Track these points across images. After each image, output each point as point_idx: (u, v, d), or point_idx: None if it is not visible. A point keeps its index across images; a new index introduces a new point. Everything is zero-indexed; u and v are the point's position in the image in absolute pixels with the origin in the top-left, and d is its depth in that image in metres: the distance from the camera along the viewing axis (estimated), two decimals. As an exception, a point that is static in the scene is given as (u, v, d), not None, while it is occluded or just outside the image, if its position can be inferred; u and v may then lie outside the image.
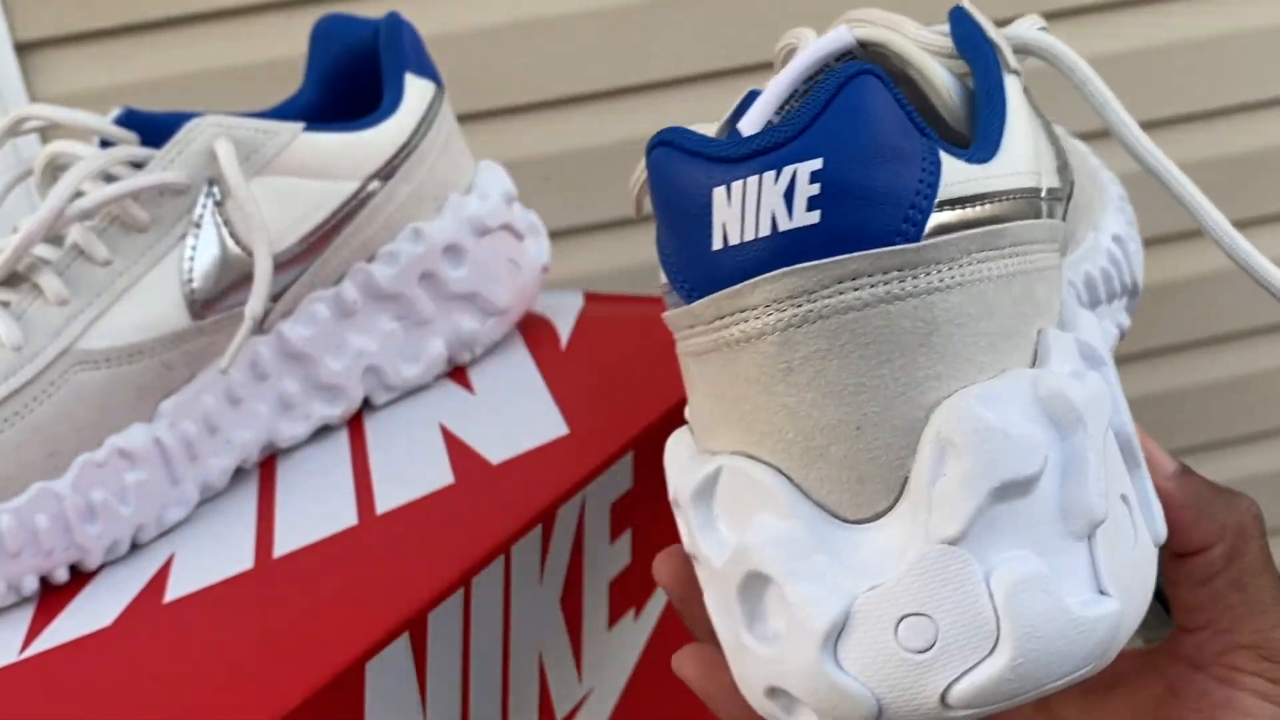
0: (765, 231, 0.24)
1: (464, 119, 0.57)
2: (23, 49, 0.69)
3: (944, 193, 0.25)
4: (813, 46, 0.30)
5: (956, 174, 0.25)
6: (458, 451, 0.46)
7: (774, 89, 0.30)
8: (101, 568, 0.42)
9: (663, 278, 0.28)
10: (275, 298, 0.46)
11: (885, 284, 0.24)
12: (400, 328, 0.49)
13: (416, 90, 0.49)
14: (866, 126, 0.24)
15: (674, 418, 0.46)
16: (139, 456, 0.42)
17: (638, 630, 0.47)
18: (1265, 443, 0.90)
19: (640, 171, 0.33)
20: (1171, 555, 0.31)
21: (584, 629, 0.44)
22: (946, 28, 0.32)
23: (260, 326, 0.45)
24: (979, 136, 0.27)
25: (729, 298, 0.25)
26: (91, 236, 0.42)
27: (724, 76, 0.76)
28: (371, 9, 0.55)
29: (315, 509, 0.43)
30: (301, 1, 0.71)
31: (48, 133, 0.66)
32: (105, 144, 0.44)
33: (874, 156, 0.24)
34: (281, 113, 0.50)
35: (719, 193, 0.25)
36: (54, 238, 0.42)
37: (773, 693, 0.26)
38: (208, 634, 0.37)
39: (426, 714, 0.38)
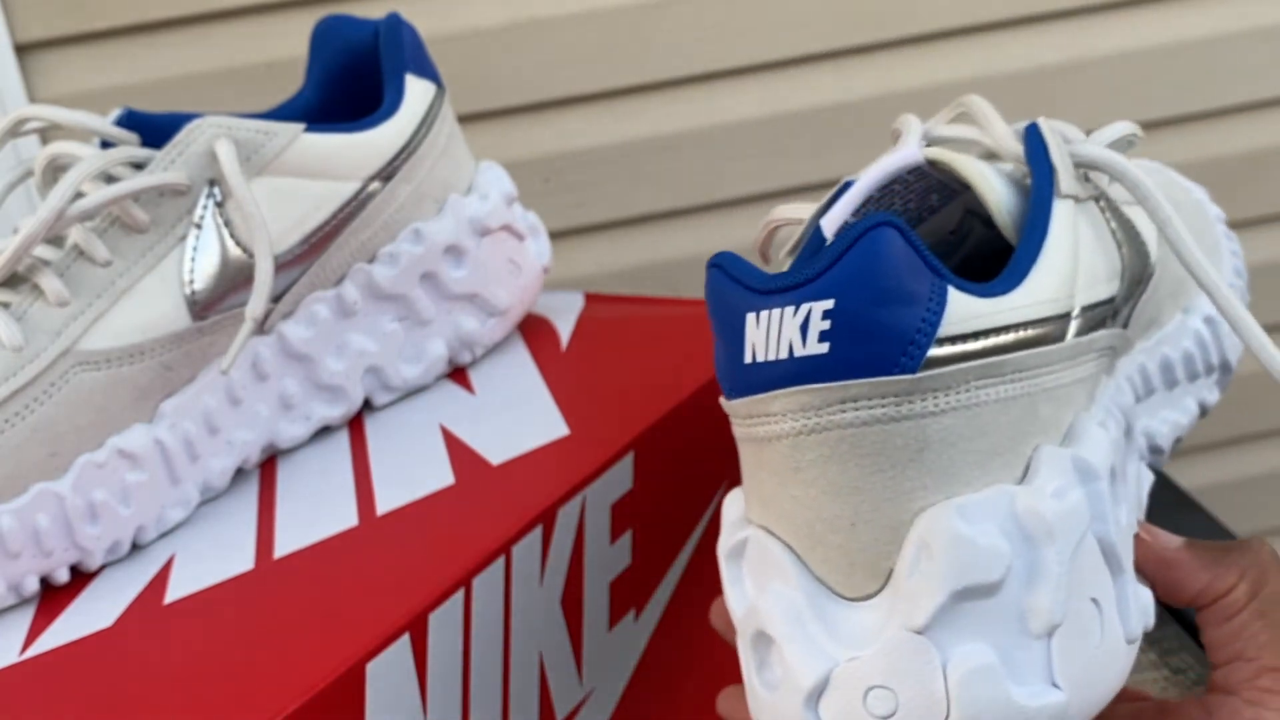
0: (784, 355, 0.29)
1: (464, 119, 0.57)
2: (23, 49, 0.69)
3: (946, 330, 0.28)
4: (884, 162, 0.34)
5: (963, 311, 0.29)
6: (458, 452, 0.46)
7: (851, 196, 0.34)
8: (102, 568, 0.42)
9: None
10: (276, 298, 0.46)
11: (883, 407, 0.28)
12: (401, 328, 0.49)
13: (417, 91, 0.49)
14: (875, 273, 0.28)
15: (674, 418, 0.46)
16: (140, 457, 0.42)
17: (638, 631, 0.47)
18: (1265, 443, 0.90)
19: (765, 223, 0.38)
20: (1197, 610, 0.34)
21: (584, 630, 0.44)
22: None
23: (261, 327, 0.45)
24: (1009, 268, 0.31)
25: (756, 403, 0.30)
26: (92, 237, 0.42)
27: (724, 77, 0.76)
28: (371, 9, 0.55)
29: (315, 510, 0.43)
30: (301, 2, 0.71)
31: (48, 133, 0.66)
32: (105, 145, 0.44)
33: (879, 299, 0.28)
34: (282, 113, 0.50)
35: (751, 317, 0.29)
36: (54, 238, 0.42)
37: None
38: (208, 634, 0.37)
39: (427, 715, 0.38)
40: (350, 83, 0.51)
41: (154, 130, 0.44)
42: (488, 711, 0.41)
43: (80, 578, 0.41)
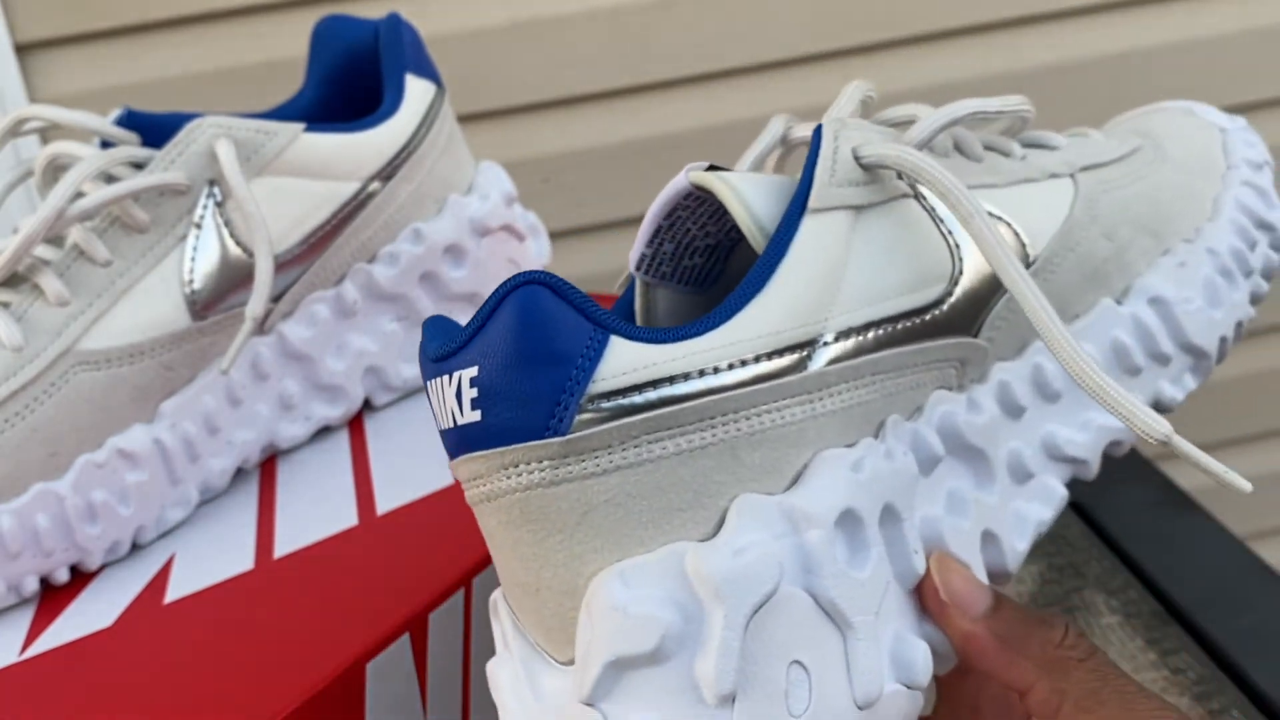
0: (450, 424, 0.28)
1: (464, 119, 0.57)
2: (23, 49, 0.69)
3: (601, 385, 0.27)
4: (662, 193, 0.33)
5: (628, 362, 0.27)
6: (458, 452, 0.46)
7: (642, 231, 0.34)
8: (102, 568, 0.42)
9: None
10: (276, 298, 0.46)
11: (541, 471, 0.27)
12: (401, 328, 0.49)
13: (417, 91, 0.49)
14: (515, 336, 0.27)
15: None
16: (140, 457, 0.42)
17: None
18: (1265, 443, 0.90)
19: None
20: (1018, 695, 0.31)
21: (584, 629, 0.44)
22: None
23: (261, 327, 0.45)
24: (721, 306, 0.29)
25: (453, 468, 0.29)
26: (92, 237, 0.42)
27: (724, 77, 0.76)
28: (371, 9, 0.55)
29: (315, 510, 0.43)
30: (301, 2, 0.71)
31: (48, 133, 0.66)
32: (106, 145, 0.44)
33: (522, 362, 0.27)
34: (282, 113, 0.50)
35: (430, 385, 0.29)
36: (54, 238, 0.42)
37: None
38: (208, 634, 0.37)
39: (427, 715, 0.38)
40: (350, 83, 0.51)
41: (154, 130, 0.44)
42: (488, 711, 0.41)
43: (80, 578, 0.41)
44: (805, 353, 0.29)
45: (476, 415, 0.27)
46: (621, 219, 0.77)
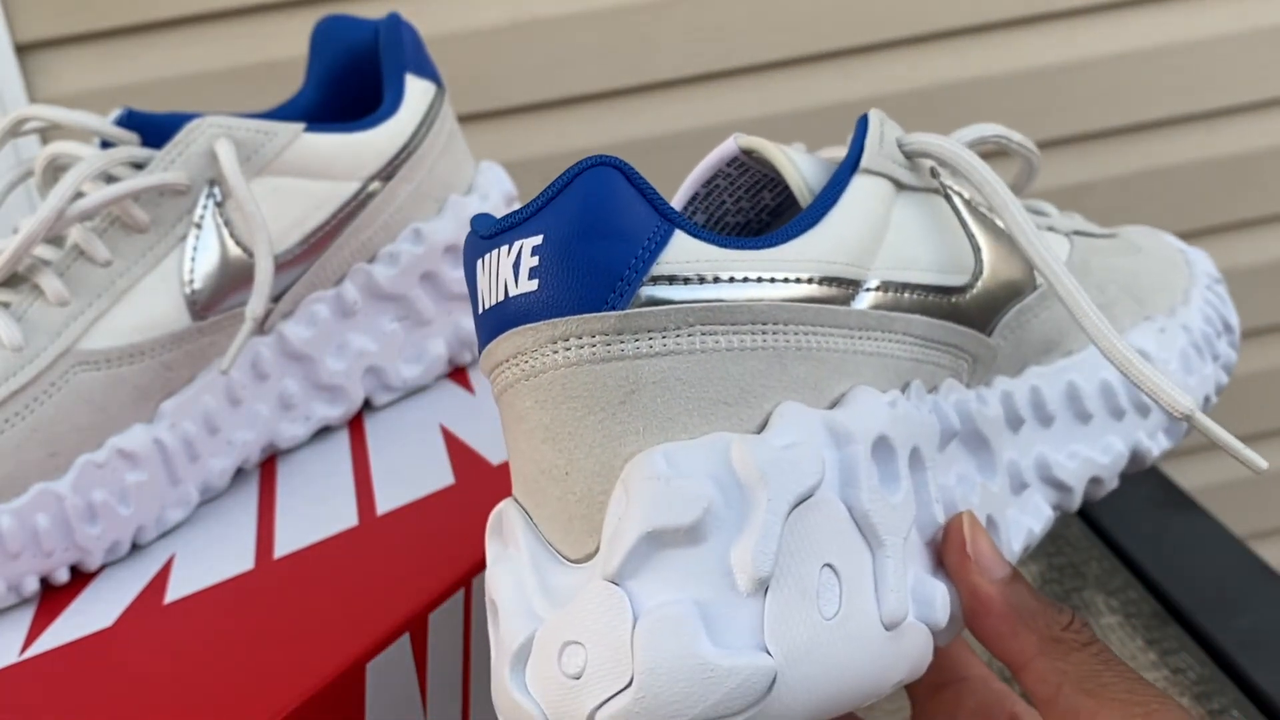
0: (501, 297, 0.28)
1: (464, 119, 0.57)
2: (23, 49, 0.69)
3: (662, 269, 0.27)
4: (706, 158, 0.35)
5: (691, 254, 0.28)
6: (458, 452, 0.46)
7: (680, 193, 0.35)
8: (102, 568, 0.42)
9: None
10: (276, 298, 0.46)
11: (592, 346, 0.27)
12: (401, 328, 0.49)
13: (417, 91, 0.49)
14: (584, 209, 0.27)
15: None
16: (139, 457, 0.42)
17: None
18: (1265, 443, 0.90)
19: None
20: (1012, 672, 0.31)
21: (584, 629, 0.44)
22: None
23: (261, 327, 0.45)
24: (774, 234, 0.30)
25: (487, 355, 0.29)
26: (92, 237, 0.42)
27: (724, 77, 0.76)
28: (371, 9, 0.55)
29: (315, 510, 0.43)
30: (301, 2, 0.71)
31: (48, 133, 0.66)
32: (106, 145, 0.44)
33: (588, 234, 0.27)
34: (282, 113, 0.50)
35: (479, 264, 0.29)
36: (54, 238, 0.42)
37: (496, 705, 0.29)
38: (208, 635, 0.37)
39: (427, 715, 0.38)
40: (350, 83, 0.51)
41: (154, 130, 0.44)
42: (487, 711, 0.41)
43: (80, 578, 0.41)
44: (850, 290, 0.30)
45: (533, 285, 0.27)
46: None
